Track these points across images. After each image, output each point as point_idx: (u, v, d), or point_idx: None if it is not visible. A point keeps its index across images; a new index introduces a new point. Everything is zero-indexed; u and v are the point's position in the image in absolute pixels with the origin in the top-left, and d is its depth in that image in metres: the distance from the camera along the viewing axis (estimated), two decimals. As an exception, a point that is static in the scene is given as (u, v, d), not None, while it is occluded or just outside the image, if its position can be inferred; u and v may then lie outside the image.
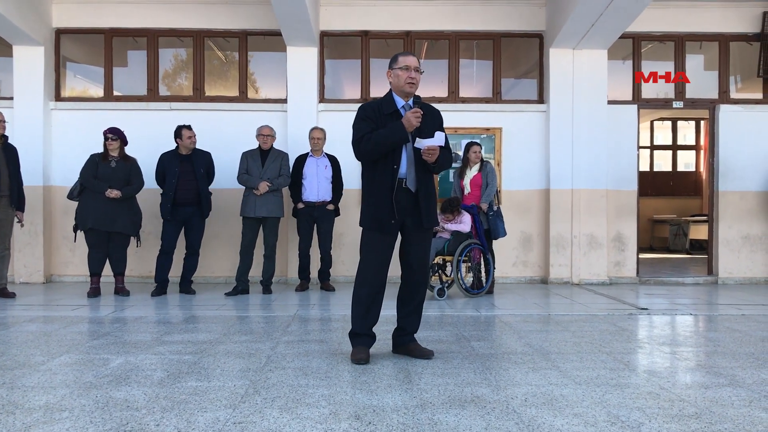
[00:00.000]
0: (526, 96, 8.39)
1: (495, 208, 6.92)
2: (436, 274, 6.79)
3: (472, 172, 7.00)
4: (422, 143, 3.67)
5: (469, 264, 6.81)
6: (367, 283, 3.79)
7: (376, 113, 3.78)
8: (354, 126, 3.81)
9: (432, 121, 3.85)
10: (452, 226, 6.65)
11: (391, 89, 3.87)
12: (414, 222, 3.80)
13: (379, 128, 3.72)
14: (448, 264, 6.76)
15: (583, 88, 7.94)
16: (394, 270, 3.90)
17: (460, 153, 8.03)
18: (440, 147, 3.70)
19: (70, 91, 8.40)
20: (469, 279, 6.92)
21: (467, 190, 7.01)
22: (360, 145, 3.73)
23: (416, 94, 3.81)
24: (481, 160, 7.03)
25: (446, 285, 6.69)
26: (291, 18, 7.07)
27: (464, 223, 6.68)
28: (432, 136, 3.70)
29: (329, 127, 7.48)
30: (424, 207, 3.79)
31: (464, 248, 6.61)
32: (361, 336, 3.82)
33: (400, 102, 3.82)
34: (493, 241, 7.05)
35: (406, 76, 3.75)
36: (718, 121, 8.30)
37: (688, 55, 8.39)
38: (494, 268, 7.01)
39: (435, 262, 6.67)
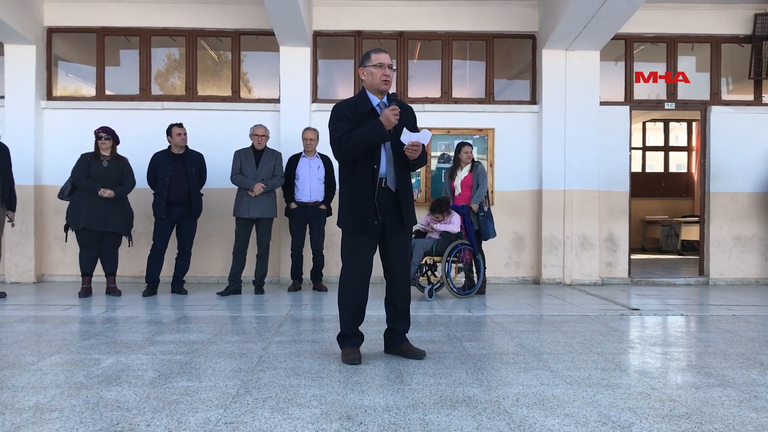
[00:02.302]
0: (519, 97, 8.41)
1: (486, 208, 6.89)
2: (425, 274, 6.79)
3: (463, 172, 6.97)
4: (408, 138, 3.67)
5: (459, 264, 6.81)
6: (351, 286, 3.79)
7: (352, 112, 3.76)
8: (330, 126, 3.80)
9: (407, 118, 3.85)
10: (441, 227, 6.64)
11: (364, 87, 3.86)
12: (395, 221, 3.79)
13: (356, 127, 3.71)
14: (439, 264, 6.76)
15: (575, 89, 7.97)
16: (379, 270, 3.90)
17: (452, 153, 8.06)
18: (423, 144, 3.70)
19: (61, 90, 8.37)
20: (459, 280, 6.92)
21: (458, 190, 6.97)
22: (340, 144, 3.71)
23: (393, 91, 3.80)
24: (473, 161, 7.01)
25: (436, 286, 6.69)
26: (284, 18, 7.06)
27: (453, 223, 6.67)
28: (418, 131, 3.70)
29: (322, 127, 7.41)
30: (404, 206, 3.79)
31: (453, 249, 6.61)
32: (350, 337, 3.82)
33: (375, 100, 3.81)
34: (483, 241, 7.02)
35: (380, 73, 3.74)
36: (709, 123, 8.34)
37: (679, 57, 8.43)
38: (485, 269, 7.01)
39: (423, 262, 6.67)
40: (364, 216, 3.71)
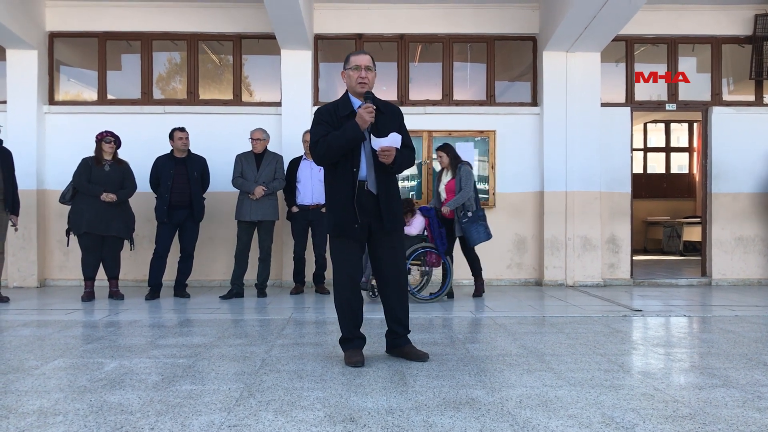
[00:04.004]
0: (520, 99, 8.41)
1: (470, 213, 6.48)
2: None
3: (447, 176, 6.72)
4: (377, 143, 3.64)
5: (422, 268, 6.62)
6: (344, 290, 3.79)
7: (331, 116, 3.77)
8: (310, 131, 3.82)
9: (392, 120, 3.83)
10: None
11: (347, 91, 3.87)
12: (378, 224, 3.77)
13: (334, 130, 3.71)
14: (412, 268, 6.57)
15: (576, 91, 7.97)
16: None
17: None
18: (396, 148, 3.67)
19: (63, 94, 8.38)
20: (446, 281, 6.65)
21: (443, 195, 6.74)
22: (315, 149, 3.72)
23: (370, 91, 3.77)
24: (457, 164, 6.63)
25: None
26: (285, 21, 7.08)
27: (413, 225, 6.47)
28: (387, 135, 3.67)
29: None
30: (385, 209, 3.75)
31: (413, 252, 6.43)
32: (352, 340, 3.82)
33: (356, 103, 3.79)
34: (473, 246, 6.61)
35: (356, 76, 3.75)
36: (710, 123, 8.34)
37: (680, 58, 8.43)
38: (481, 270, 6.84)
39: None
40: (344, 219, 3.71)
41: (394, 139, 3.65)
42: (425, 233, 6.60)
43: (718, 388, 3.21)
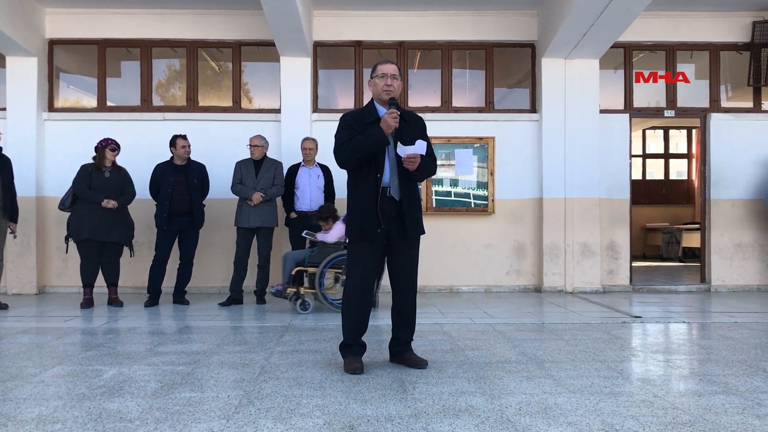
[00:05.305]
0: (519, 105, 8.42)
1: None
2: (294, 285, 6.36)
3: None
4: (403, 150, 3.68)
5: (341, 276, 6.33)
6: (355, 294, 3.79)
7: (357, 122, 3.80)
8: (336, 135, 3.84)
9: (414, 128, 3.87)
10: (320, 236, 6.33)
11: (372, 99, 3.91)
12: (399, 230, 3.79)
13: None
14: (308, 275, 6.42)
15: (575, 98, 7.99)
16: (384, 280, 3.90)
17: (452, 162, 8.08)
18: (421, 155, 3.71)
19: (63, 101, 8.39)
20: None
21: None
22: (340, 152, 3.75)
23: (394, 97, 3.80)
24: None
25: (299, 299, 6.27)
26: (284, 28, 7.10)
27: (330, 233, 6.30)
28: (413, 143, 3.70)
29: (322, 136, 7.48)
30: (408, 215, 3.78)
31: (332, 259, 6.23)
32: (353, 346, 3.82)
33: (382, 111, 3.82)
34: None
35: (382, 84, 3.79)
36: (709, 130, 8.36)
37: (679, 64, 8.45)
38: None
39: (294, 273, 6.33)
40: (367, 224, 3.73)
41: (420, 147, 3.69)
42: (346, 241, 6.17)
43: (717, 395, 3.21)
